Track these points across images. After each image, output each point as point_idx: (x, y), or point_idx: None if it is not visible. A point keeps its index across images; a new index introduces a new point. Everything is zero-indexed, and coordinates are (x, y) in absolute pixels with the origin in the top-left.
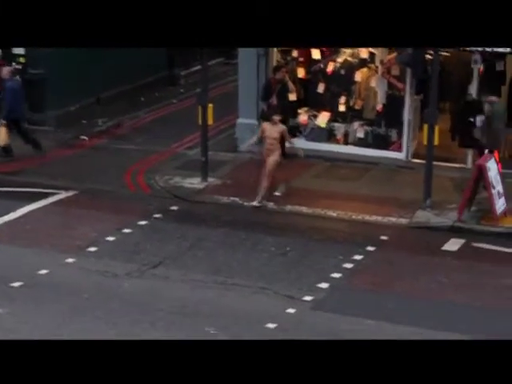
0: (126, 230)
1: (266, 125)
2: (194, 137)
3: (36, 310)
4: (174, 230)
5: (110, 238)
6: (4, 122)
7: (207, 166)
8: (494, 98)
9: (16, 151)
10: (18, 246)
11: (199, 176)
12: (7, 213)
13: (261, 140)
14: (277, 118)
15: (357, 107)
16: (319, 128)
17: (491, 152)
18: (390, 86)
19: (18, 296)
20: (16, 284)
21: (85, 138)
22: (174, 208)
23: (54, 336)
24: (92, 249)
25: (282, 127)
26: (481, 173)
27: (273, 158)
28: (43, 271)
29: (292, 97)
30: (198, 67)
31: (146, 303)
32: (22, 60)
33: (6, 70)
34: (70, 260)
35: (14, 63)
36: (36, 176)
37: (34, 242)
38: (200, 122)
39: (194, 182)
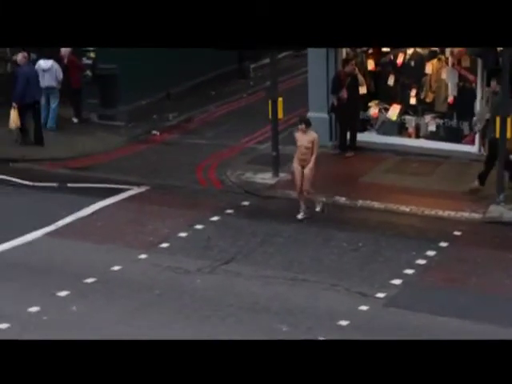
0: (198, 226)
1: (298, 134)
2: (265, 131)
3: (108, 306)
4: (245, 225)
5: (182, 234)
6: (15, 105)
7: (278, 161)
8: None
9: (85, 147)
10: (91, 242)
11: (270, 171)
12: (80, 209)
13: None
14: (301, 126)
15: (428, 100)
16: (390, 121)
17: None
18: (461, 77)
19: (91, 292)
20: (89, 280)
21: (156, 132)
22: (246, 203)
23: (125, 332)
24: (164, 245)
25: (313, 135)
26: None
27: (309, 169)
28: (116, 267)
29: (362, 90)
30: (268, 60)
31: (217, 299)
32: (92, 55)
33: (20, 56)
34: (143, 256)
35: (84, 58)
36: (107, 171)
37: (106, 239)
38: (270, 116)
39: (266, 177)
